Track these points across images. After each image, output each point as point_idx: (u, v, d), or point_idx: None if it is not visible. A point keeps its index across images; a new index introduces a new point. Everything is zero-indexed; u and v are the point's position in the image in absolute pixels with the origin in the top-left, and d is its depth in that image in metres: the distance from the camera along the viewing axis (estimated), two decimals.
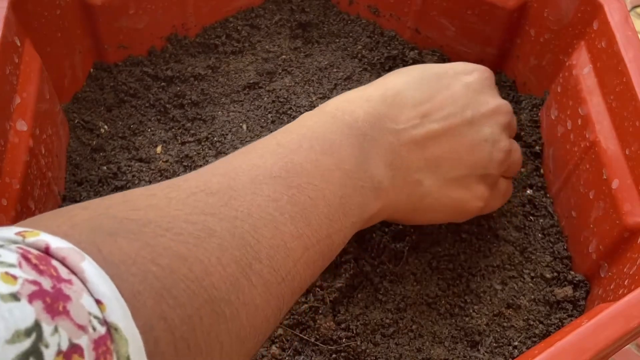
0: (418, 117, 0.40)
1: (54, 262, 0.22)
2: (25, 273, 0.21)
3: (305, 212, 0.33)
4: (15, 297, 0.20)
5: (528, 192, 0.54)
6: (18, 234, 0.23)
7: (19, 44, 0.47)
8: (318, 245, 0.33)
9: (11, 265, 0.21)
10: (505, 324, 0.45)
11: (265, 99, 0.61)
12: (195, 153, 0.55)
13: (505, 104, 0.45)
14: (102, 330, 0.22)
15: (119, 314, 0.22)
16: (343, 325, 0.45)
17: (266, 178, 0.32)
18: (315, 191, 0.34)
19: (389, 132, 0.39)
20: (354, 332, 0.44)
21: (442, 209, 0.42)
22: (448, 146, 0.41)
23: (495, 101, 0.44)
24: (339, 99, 0.41)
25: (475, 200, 0.43)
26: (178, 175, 0.54)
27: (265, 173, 0.33)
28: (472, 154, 0.42)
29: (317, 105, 0.60)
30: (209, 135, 0.57)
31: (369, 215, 0.38)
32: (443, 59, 0.64)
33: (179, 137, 0.57)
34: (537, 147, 0.56)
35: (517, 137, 0.57)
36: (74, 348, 0.21)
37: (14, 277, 0.20)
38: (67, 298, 0.21)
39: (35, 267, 0.21)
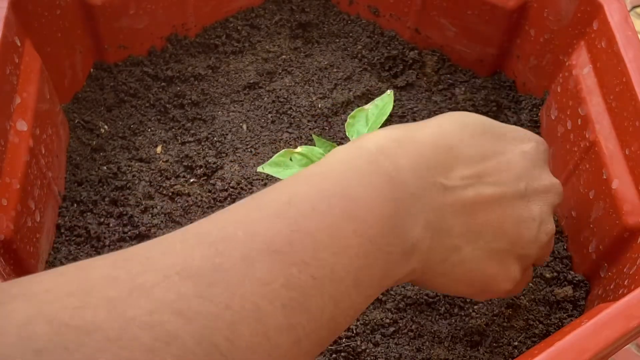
0: (471, 177, 0.36)
1: None
2: None
3: (304, 297, 0.28)
4: None
5: None
6: None
7: (19, 44, 0.47)
8: (315, 334, 0.28)
9: None
10: (505, 324, 0.45)
11: (265, 99, 0.61)
12: (195, 153, 0.55)
13: (558, 184, 0.41)
14: None
15: None
16: None
17: (262, 254, 0.27)
18: (323, 268, 0.28)
19: (436, 188, 0.34)
20: (354, 331, 0.45)
21: (472, 282, 0.37)
22: (495, 215, 0.36)
23: (549, 178, 0.40)
24: (382, 135, 0.35)
25: (506, 282, 0.38)
26: (178, 175, 0.54)
27: (262, 246, 0.27)
28: (518, 229, 0.37)
29: (317, 106, 0.60)
30: (209, 135, 0.57)
31: (393, 282, 0.33)
32: (443, 58, 0.64)
33: (179, 137, 0.57)
34: None
35: None
36: None
37: None
38: None
39: None
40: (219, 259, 0.26)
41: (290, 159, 0.47)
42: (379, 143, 0.34)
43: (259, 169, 0.47)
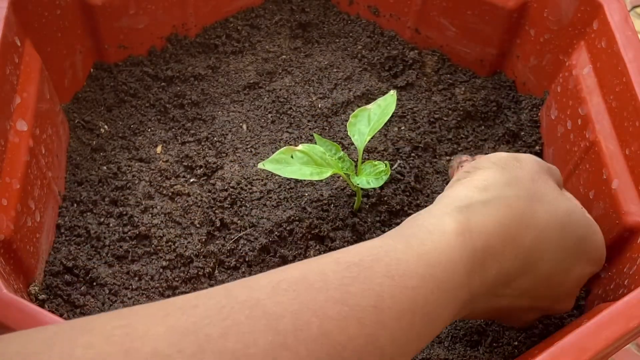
0: (522, 290, 0.37)
1: None
2: None
3: None
4: None
5: None
6: None
7: (19, 44, 0.47)
8: None
9: None
10: (505, 324, 0.45)
11: (265, 99, 0.61)
12: (195, 153, 0.55)
13: (568, 310, 0.43)
14: None
15: None
16: None
17: (331, 358, 0.26)
18: None
19: (489, 294, 0.35)
20: None
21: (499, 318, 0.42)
22: (503, 314, 0.40)
23: (571, 305, 0.42)
24: (497, 222, 0.34)
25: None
26: (178, 175, 0.54)
27: (333, 352, 0.26)
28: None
29: (317, 106, 0.60)
30: (209, 135, 0.57)
31: None
32: (443, 59, 0.64)
33: (179, 137, 0.57)
34: (537, 147, 0.56)
35: (517, 137, 0.57)
36: None
37: None
38: None
39: None
40: (285, 353, 0.25)
41: (292, 157, 0.47)
42: (488, 240, 0.33)
43: (260, 165, 0.47)
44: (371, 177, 0.49)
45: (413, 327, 0.29)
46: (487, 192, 0.36)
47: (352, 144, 0.56)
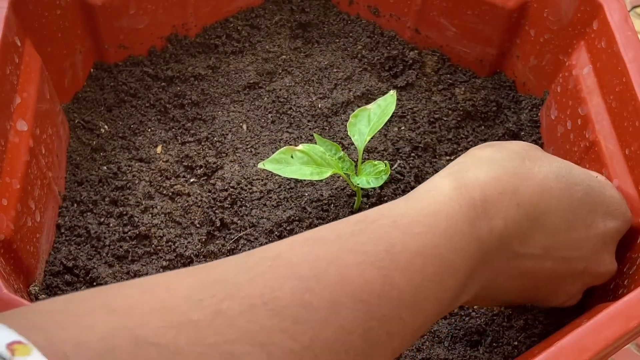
0: (543, 248, 0.36)
1: None
2: None
3: (375, 350, 0.28)
4: None
5: None
6: (9, 345, 0.20)
7: (19, 44, 0.47)
8: None
9: None
10: (505, 324, 0.45)
11: (265, 99, 0.61)
12: (195, 153, 0.55)
13: (613, 272, 0.41)
14: None
15: None
16: None
17: (350, 300, 0.27)
18: (398, 325, 0.29)
19: (508, 253, 0.35)
20: None
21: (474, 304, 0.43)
22: (537, 285, 0.38)
23: (609, 265, 0.40)
24: (490, 176, 0.35)
25: (507, 304, 0.43)
26: (178, 175, 0.54)
27: (353, 293, 0.28)
28: (546, 298, 0.40)
29: (317, 106, 0.60)
30: (209, 135, 0.57)
31: None
32: (443, 58, 0.64)
33: (179, 137, 0.57)
34: None
35: (517, 137, 0.57)
36: None
37: None
38: None
39: None
40: (308, 296, 0.26)
41: (292, 157, 0.47)
42: (484, 192, 0.34)
43: (260, 165, 0.47)
44: (371, 176, 0.49)
45: (426, 268, 0.30)
46: (478, 159, 0.37)
47: (352, 144, 0.56)
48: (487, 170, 0.35)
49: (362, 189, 0.50)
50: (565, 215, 0.37)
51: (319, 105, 0.60)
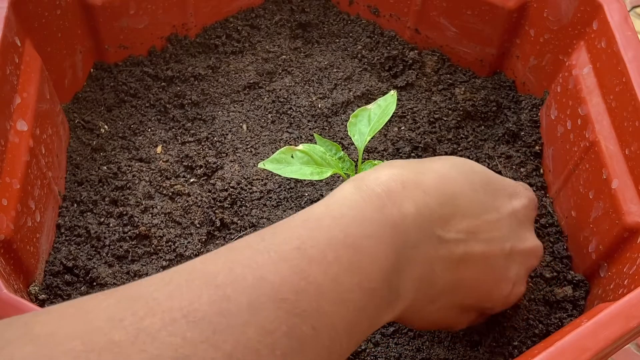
0: (466, 232, 0.36)
1: None
2: None
3: (303, 347, 0.28)
4: None
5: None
6: None
7: (19, 44, 0.47)
8: None
9: None
10: (505, 324, 0.45)
11: (265, 99, 0.61)
12: (195, 153, 0.55)
13: (540, 247, 0.42)
14: None
15: None
16: None
17: (269, 301, 0.27)
18: (323, 319, 0.29)
19: (432, 239, 0.35)
20: None
21: (437, 326, 0.41)
22: (476, 272, 0.38)
23: (533, 241, 0.41)
24: (387, 174, 0.35)
25: (462, 324, 0.41)
26: (178, 175, 0.54)
27: (270, 293, 0.28)
28: (492, 289, 0.39)
29: (317, 106, 0.60)
30: (209, 135, 0.57)
31: (377, 328, 0.34)
32: (443, 58, 0.64)
33: (179, 137, 0.57)
34: (537, 147, 0.57)
35: (517, 137, 0.58)
36: None
37: None
38: None
39: None
40: (225, 304, 0.26)
41: (292, 157, 0.47)
42: (386, 185, 0.34)
43: (260, 165, 0.47)
44: None
45: (340, 258, 0.30)
46: (378, 166, 0.37)
47: (352, 144, 0.56)
48: (386, 171, 0.35)
49: None
50: (473, 198, 0.37)
51: (319, 105, 0.60)
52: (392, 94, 0.50)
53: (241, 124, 0.59)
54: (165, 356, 0.24)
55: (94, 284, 0.46)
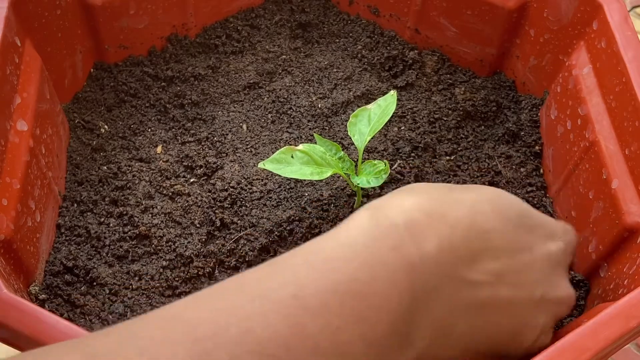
0: (493, 274, 0.33)
1: None
2: None
3: None
4: None
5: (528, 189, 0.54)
6: None
7: (19, 44, 0.47)
8: None
9: None
10: None
11: (265, 99, 0.61)
12: (195, 153, 0.55)
13: (572, 296, 0.38)
14: None
15: None
16: None
17: (254, 357, 0.24)
18: None
19: (454, 281, 0.31)
20: None
21: None
22: (500, 319, 0.34)
23: (566, 289, 0.38)
24: (412, 204, 0.31)
25: None
26: (178, 175, 0.54)
27: (257, 348, 0.24)
28: (514, 337, 0.35)
29: (317, 106, 0.60)
30: (209, 135, 0.57)
31: None
32: (443, 58, 0.64)
33: (179, 137, 0.57)
34: (537, 147, 0.57)
35: (517, 137, 0.57)
36: None
37: None
38: None
39: None
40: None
41: (292, 156, 0.47)
42: (408, 216, 0.31)
43: (260, 165, 0.47)
44: (371, 176, 0.49)
45: (344, 307, 0.27)
46: (401, 191, 0.34)
47: (352, 144, 0.56)
48: (411, 198, 0.32)
49: (362, 188, 0.50)
50: (505, 237, 0.34)
51: (319, 105, 0.60)
52: (392, 94, 0.50)
53: (241, 124, 0.59)
54: None
55: (94, 283, 0.46)
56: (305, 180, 0.52)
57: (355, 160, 0.50)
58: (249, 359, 0.24)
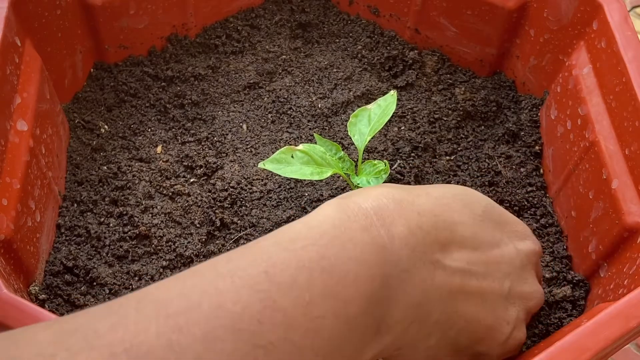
0: (463, 261, 0.33)
1: None
2: None
3: None
4: None
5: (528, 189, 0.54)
6: None
7: (19, 44, 0.47)
8: None
9: None
10: None
11: (265, 99, 0.61)
12: (195, 153, 0.55)
13: (541, 293, 0.39)
14: None
15: None
16: None
17: (227, 332, 0.24)
18: (290, 352, 0.26)
19: (427, 265, 0.32)
20: None
21: None
22: (473, 310, 0.34)
23: (534, 285, 0.39)
24: (380, 192, 0.32)
25: None
26: (178, 175, 0.54)
27: (227, 323, 0.25)
28: (489, 330, 0.36)
29: (317, 106, 0.60)
30: (209, 135, 0.57)
31: None
32: (443, 58, 0.64)
33: (179, 137, 0.57)
34: (537, 147, 0.57)
35: (517, 137, 0.58)
36: None
37: None
38: None
39: None
40: (176, 336, 0.24)
41: (292, 156, 0.47)
42: (377, 202, 0.31)
43: (260, 165, 0.47)
44: (371, 176, 0.49)
45: (314, 283, 0.27)
46: (369, 187, 0.35)
47: (352, 144, 0.56)
48: (377, 190, 0.33)
49: None
50: (472, 229, 0.34)
51: (319, 105, 0.60)
52: (392, 94, 0.50)
53: (241, 124, 0.59)
54: None
55: (94, 283, 0.46)
56: (305, 180, 0.52)
57: (355, 160, 0.50)
58: (221, 333, 0.24)
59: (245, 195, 0.52)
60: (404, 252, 0.30)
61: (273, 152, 0.48)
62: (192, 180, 0.53)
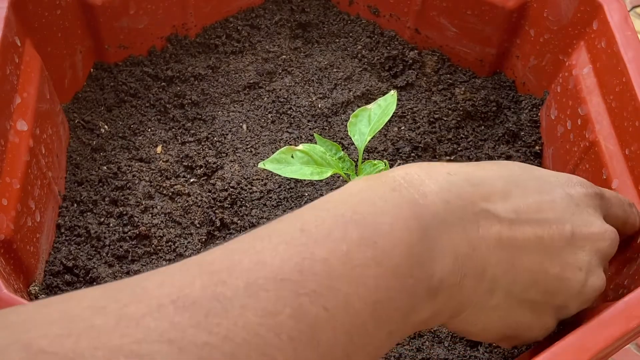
0: (510, 211, 0.32)
1: None
2: None
3: (314, 330, 0.25)
4: None
5: None
6: None
7: (19, 44, 0.47)
8: None
9: None
10: None
11: (265, 99, 0.61)
12: (195, 153, 0.55)
13: (612, 231, 0.36)
14: None
15: None
16: None
17: (269, 282, 0.25)
18: (335, 299, 0.26)
19: (470, 215, 0.31)
20: None
21: (502, 331, 0.34)
22: (536, 260, 0.32)
23: (601, 224, 0.36)
24: (407, 165, 0.32)
25: (537, 332, 0.35)
26: (178, 175, 0.54)
27: (270, 274, 0.25)
28: (560, 280, 0.33)
29: (317, 106, 0.60)
30: (209, 135, 0.57)
31: (418, 321, 0.30)
32: (443, 58, 0.64)
33: (179, 137, 0.57)
34: (537, 147, 0.57)
35: (517, 137, 0.58)
36: None
37: None
38: None
39: None
40: (220, 288, 0.25)
41: (292, 156, 0.47)
42: (404, 170, 0.31)
43: (260, 165, 0.47)
44: None
45: (349, 235, 0.28)
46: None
47: (352, 144, 0.56)
48: (402, 167, 0.32)
49: None
50: (512, 180, 0.33)
51: (319, 105, 0.60)
52: (392, 94, 0.50)
53: (241, 124, 0.59)
54: (150, 340, 0.22)
55: (94, 283, 0.46)
56: (305, 180, 0.52)
57: (355, 160, 0.50)
58: (262, 282, 0.25)
59: (245, 195, 0.52)
60: (439, 205, 0.30)
61: (273, 152, 0.48)
62: (192, 180, 0.53)
